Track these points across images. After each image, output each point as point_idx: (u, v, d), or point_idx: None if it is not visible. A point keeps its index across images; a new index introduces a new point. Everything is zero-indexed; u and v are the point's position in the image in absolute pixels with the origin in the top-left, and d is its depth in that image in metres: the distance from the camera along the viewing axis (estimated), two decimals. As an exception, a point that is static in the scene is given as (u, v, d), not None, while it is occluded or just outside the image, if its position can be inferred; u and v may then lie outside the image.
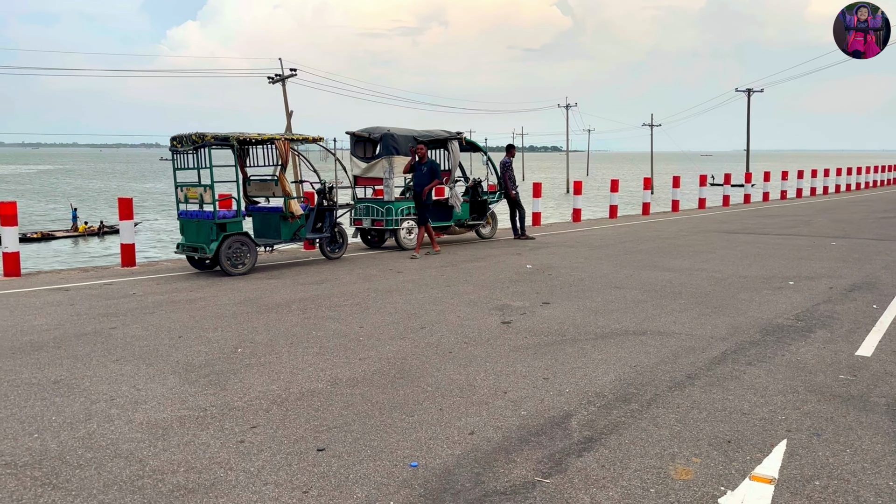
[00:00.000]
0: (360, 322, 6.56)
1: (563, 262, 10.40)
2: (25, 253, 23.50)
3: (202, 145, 9.32)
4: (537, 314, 6.86)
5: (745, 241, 12.82)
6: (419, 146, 11.39)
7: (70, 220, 29.94)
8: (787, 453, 3.65)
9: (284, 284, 8.66)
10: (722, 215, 19.48)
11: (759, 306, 7.18)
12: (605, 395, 4.52)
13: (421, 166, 11.28)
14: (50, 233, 28.57)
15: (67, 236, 28.38)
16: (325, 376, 4.94)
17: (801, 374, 4.98)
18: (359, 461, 3.57)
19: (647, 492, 3.24)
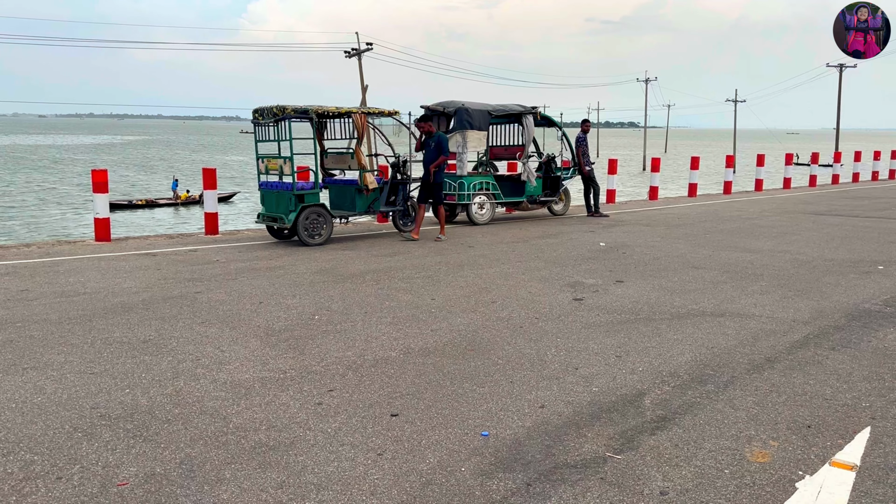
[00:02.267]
0: (431, 294, 6.65)
1: (638, 240, 10.21)
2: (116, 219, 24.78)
3: (282, 118, 9.55)
4: (610, 292, 6.79)
5: (832, 223, 12.27)
6: (424, 123, 10.70)
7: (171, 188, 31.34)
8: (871, 441, 3.52)
9: (359, 256, 8.84)
10: (808, 196, 18.65)
11: (845, 290, 6.89)
12: (679, 376, 4.46)
13: (430, 141, 10.47)
14: (154, 200, 30.06)
15: (170, 204, 29.79)
16: (398, 345, 5.05)
17: (888, 360, 4.77)
18: (431, 427, 3.65)
19: (722, 472, 3.19)
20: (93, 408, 3.91)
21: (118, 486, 3.06)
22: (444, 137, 10.44)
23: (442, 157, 10.30)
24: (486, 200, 12.06)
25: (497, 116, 12.58)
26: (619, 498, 2.96)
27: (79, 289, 6.85)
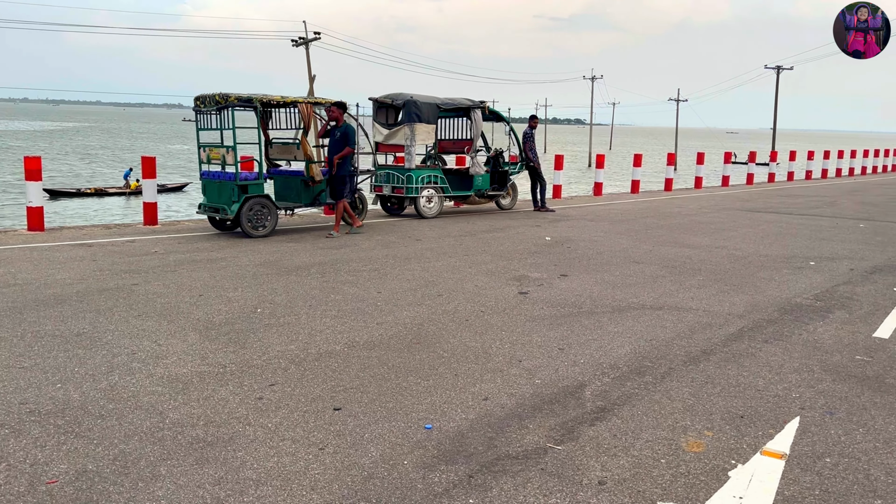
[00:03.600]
0: (377, 287, 6.62)
1: (583, 235, 10.37)
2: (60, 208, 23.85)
3: (225, 106, 9.35)
4: (555, 286, 6.87)
5: (768, 220, 12.69)
6: (332, 108, 9.96)
7: (123, 177, 30.29)
8: (800, 430, 3.66)
9: (304, 248, 8.73)
10: (745, 193, 19.25)
11: (778, 285, 7.14)
12: (619, 367, 4.55)
13: (335, 131, 9.90)
14: (103, 189, 29.01)
15: (120, 193, 28.80)
16: (342, 339, 5.01)
17: (817, 353, 4.97)
18: (374, 421, 3.63)
19: (658, 462, 3.27)
20: (21, 403, 3.76)
21: (47, 483, 2.95)
22: (352, 129, 9.96)
23: (348, 150, 9.82)
24: (434, 194, 12.05)
25: (446, 110, 12.58)
26: (558, 488, 3.00)
27: (9, 280, 6.58)
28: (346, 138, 9.82)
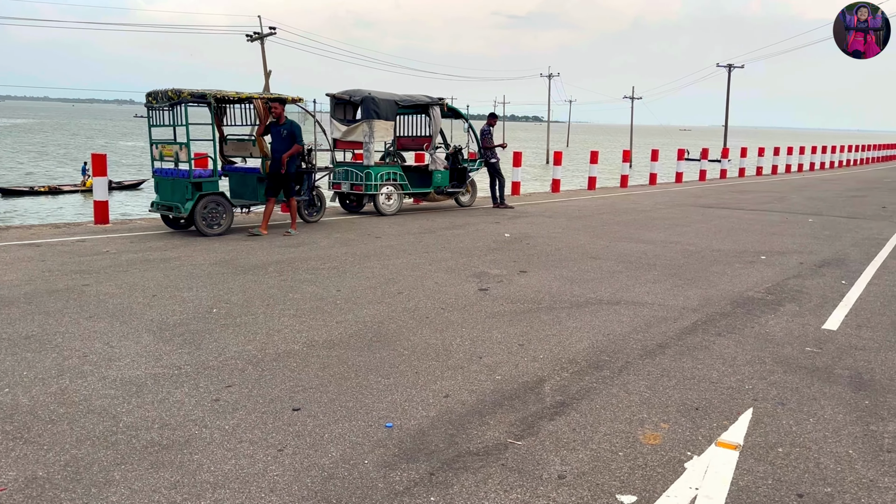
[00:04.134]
0: (337, 286, 6.56)
1: (541, 231, 10.45)
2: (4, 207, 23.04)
3: (178, 102, 9.16)
4: (514, 282, 6.91)
5: (720, 216, 12.98)
6: (274, 104, 9.61)
7: (81, 174, 29.34)
8: (753, 421, 3.75)
9: (261, 246, 8.61)
10: (698, 189, 19.66)
11: (730, 279, 7.31)
12: (578, 362, 4.59)
13: (280, 128, 9.55)
14: (57, 187, 28.05)
15: (76, 191, 27.88)
16: (301, 338, 4.95)
17: (768, 345, 5.10)
18: (334, 421, 3.60)
19: (616, 455, 3.31)
20: (-35, 410, 3.62)
21: (-7, 493, 2.85)
22: (298, 126, 9.72)
23: (297, 147, 9.61)
24: (393, 191, 12.01)
25: (404, 107, 12.54)
26: (519, 483, 3.02)
27: (-50, 282, 6.34)
28: (293, 136, 9.59)
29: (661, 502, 2.91)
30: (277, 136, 9.59)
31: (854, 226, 12.01)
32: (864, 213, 14.01)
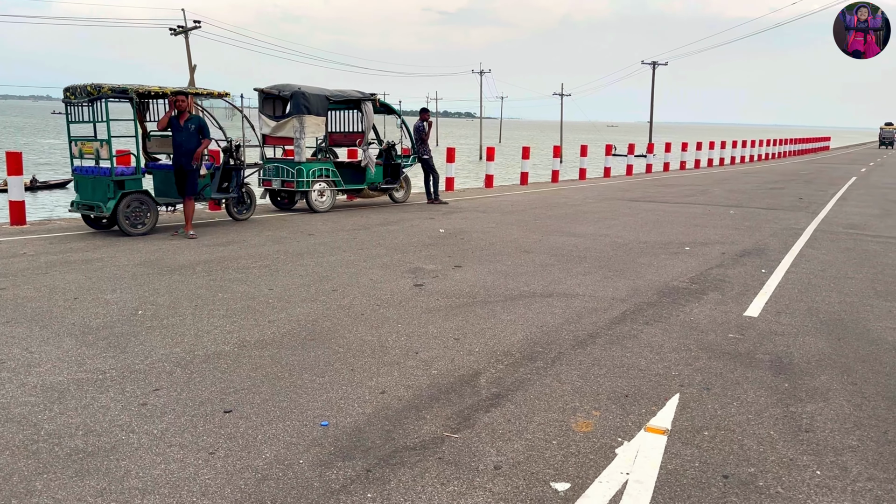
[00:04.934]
0: (269, 284, 6.45)
1: (475, 226, 10.53)
2: None
3: (98, 97, 8.81)
4: (449, 277, 6.94)
5: (646, 209, 13.36)
6: (180, 97, 9.08)
7: None
8: (680, 406, 3.88)
9: (188, 245, 8.37)
10: (625, 184, 20.18)
11: (657, 270, 7.54)
12: (512, 354, 4.65)
13: (187, 124, 9.04)
14: None
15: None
16: (232, 339, 4.85)
17: (693, 333, 5.28)
18: (267, 422, 3.54)
19: (550, 444, 3.38)
20: None
21: None
22: (204, 120, 9.33)
23: (206, 142, 9.20)
24: (326, 188, 11.88)
25: (336, 102, 12.40)
26: (455, 475, 3.04)
27: None
28: (201, 130, 9.15)
29: (594, 488, 2.98)
30: (185, 130, 9.05)
31: (773, 217, 12.57)
32: (782, 205, 14.68)
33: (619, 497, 2.92)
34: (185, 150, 9.04)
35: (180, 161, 9.08)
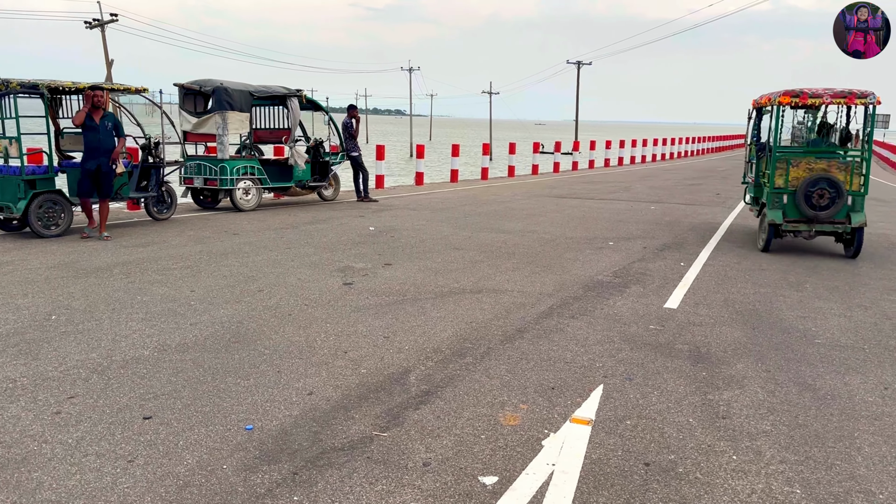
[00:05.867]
0: (190, 286, 6.26)
1: (406, 224, 10.51)
2: None
3: (6, 93, 8.36)
4: (379, 275, 6.91)
5: (572, 205, 13.64)
6: (96, 91, 8.52)
7: None
8: (604, 397, 3.98)
9: (105, 247, 8.04)
10: (552, 181, 20.55)
11: (582, 265, 7.70)
12: (442, 351, 4.67)
13: (104, 121, 8.58)
14: None
15: None
16: (151, 343, 4.68)
17: (617, 325, 5.43)
18: (189, 427, 3.44)
19: (479, 438, 3.40)
20: None
21: None
22: (120, 121, 8.96)
23: (122, 140, 8.83)
24: (251, 186, 11.62)
25: (260, 98, 12.15)
26: (384, 474, 3.03)
27: None
28: (117, 128, 8.75)
29: (521, 480, 3.02)
30: (101, 128, 8.55)
31: (691, 212, 13.04)
32: (700, 200, 15.24)
33: (545, 488, 2.97)
34: (104, 149, 8.62)
35: (99, 161, 8.63)
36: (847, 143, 9.53)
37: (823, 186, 8.53)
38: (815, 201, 8.58)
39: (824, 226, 8.68)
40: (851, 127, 9.54)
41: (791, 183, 8.71)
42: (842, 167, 8.69)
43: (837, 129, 9.73)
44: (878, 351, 5.01)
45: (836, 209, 8.54)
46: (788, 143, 10.09)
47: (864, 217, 8.60)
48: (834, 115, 9.84)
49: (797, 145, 10.08)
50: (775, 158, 8.75)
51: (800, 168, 8.74)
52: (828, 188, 8.52)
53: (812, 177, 8.57)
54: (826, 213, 8.57)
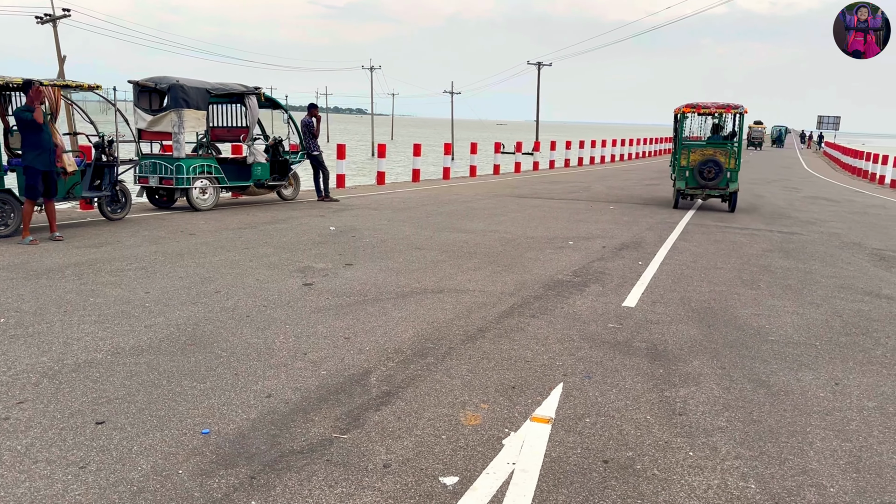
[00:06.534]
0: (145, 287, 6.12)
1: (367, 223, 10.45)
2: None
3: (-51, 87, 8.05)
4: (340, 275, 6.85)
5: (533, 205, 13.74)
6: (34, 87, 7.98)
7: None
8: (563, 395, 4.01)
9: (56, 248, 7.81)
10: (514, 181, 20.66)
11: (542, 264, 7.76)
12: (403, 351, 4.65)
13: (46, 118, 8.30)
14: None
15: None
16: (105, 346, 4.56)
17: (576, 323, 5.48)
18: (143, 432, 3.36)
19: (440, 439, 3.40)
20: None
21: None
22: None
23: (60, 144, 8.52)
24: (208, 185, 11.42)
25: (218, 96, 11.96)
26: (343, 477, 3.00)
27: None
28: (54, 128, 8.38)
29: (481, 480, 3.03)
30: (41, 132, 8.13)
31: (649, 211, 13.24)
32: (657, 201, 15.49)
33: (505, 487, 2.98)
34: (50, 147, 8.28)
35: (49, 160, 8.27)
36: (730, 138, 14.02)
37: (711, 165, 13.31)
38: (706, 175, 13.37)
39: (712, 191, 13.42)
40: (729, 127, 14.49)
41: (691, 163, 13.52)
42: (724, 153, 13.42)
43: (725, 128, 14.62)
44: (829, 347, 5.15)
45: (719, 180, 13.32)
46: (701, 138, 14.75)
47: (737, 185, 13.46)
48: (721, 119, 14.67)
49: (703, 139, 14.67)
50: (681, 147, 13.72)
51: (696, 154, 13.54)
52: (714, 166, 13.29)
53: (704, 159, 13.40)
54: (712, 182, 13.36)
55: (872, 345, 5.26)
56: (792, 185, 22.04)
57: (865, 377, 4.54)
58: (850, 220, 13.23)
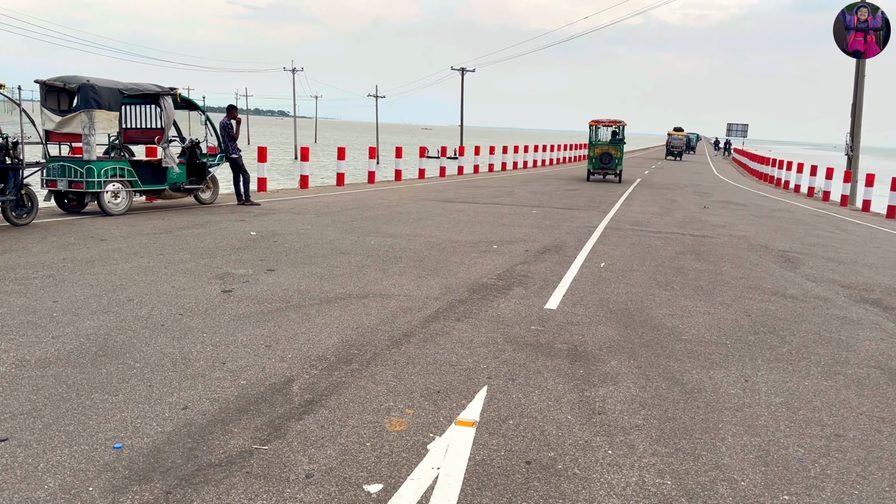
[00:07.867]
0: (52, 296, 5.82)
1: (290, 228, 10.27)
2: None
3: None
4: (261, 281, 6.70)
5: (458, 210, 13.83)
6: None
7: None
8: (488, 398, 4.04)
9: (-46, 255, 7.33)
10: (439, 185, 20.76)
11: (467, 268, 7.82)
12: (327, 358, 4.59)
13: None
14: None
15: None
16: (8, 358, 4.31)
17: (500, 326, 5.54)
18: (50, 448, 3.18)
19: (364, 446, 3.36)
20: None
21: None
22: None
23: None
24: (120, 188, 10.97)
25: (131, 96, 11.51)
26: (264, 489, 2.93)
27: None
28: None
29: (406, 486, 3.01)
30: None
31: (570, 216, 13.56)
32: (578, 205, 15.88)
33: (430, 492, 2.98)
34: None
35: None
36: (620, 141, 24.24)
37: (608, 155, 24.05)
38: (604, 161, 24.12)
39: (608, 172, 24.27)
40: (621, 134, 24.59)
41: (595, 154, 24.32)
42: (614, 149, 24.11)
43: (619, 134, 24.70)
44: (738, 346, 5.40)
45: (611, 164, 24.07)
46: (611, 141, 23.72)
47: (622, 167, 24.42)
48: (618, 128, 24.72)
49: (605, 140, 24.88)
50: (591, 145, 24.82)
51: (598, 149, 24.32)
52: (609, 156, 24.02)
53: (602, 152, 24.18)
54: (607, 167, 24.15)
55: (779, 343, 5.54)
56: (703, 190, 23.02)
57: (773, 374, 4.78)
58: (758, 224, 13.93)
